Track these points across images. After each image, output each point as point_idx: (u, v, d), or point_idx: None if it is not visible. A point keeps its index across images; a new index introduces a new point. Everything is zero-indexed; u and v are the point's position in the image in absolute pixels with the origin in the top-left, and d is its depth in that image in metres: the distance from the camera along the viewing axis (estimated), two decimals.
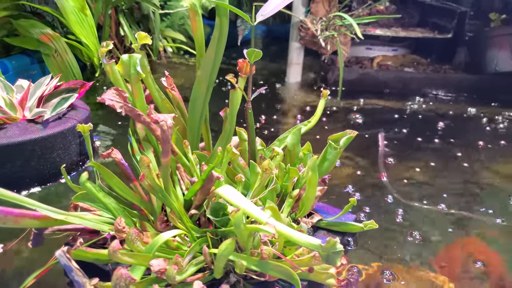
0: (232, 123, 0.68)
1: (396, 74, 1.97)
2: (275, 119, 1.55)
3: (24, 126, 0.99)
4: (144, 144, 0.68)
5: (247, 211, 0.47)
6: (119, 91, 0.55)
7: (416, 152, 1.35)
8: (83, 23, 1.34)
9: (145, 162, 0.53)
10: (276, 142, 0.78)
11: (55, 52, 1.41)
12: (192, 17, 0.66)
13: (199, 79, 0.67)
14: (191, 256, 0.51)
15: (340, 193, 1.05)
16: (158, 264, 0.47)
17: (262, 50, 0.62)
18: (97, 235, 0.63)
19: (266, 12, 0.64)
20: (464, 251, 0.87)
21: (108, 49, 0.60)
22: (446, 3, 2.11)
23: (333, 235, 0.69)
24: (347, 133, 0.69)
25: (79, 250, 0.47)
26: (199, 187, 0.59)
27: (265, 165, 0.57)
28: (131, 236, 0.50)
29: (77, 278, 0.43)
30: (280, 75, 2.15)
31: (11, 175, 0.96)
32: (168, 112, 0.71)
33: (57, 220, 0.55)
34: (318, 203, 0.79)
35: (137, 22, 2.15)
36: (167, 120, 0.51)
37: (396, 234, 0.90)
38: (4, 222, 0.51)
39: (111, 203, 0.56)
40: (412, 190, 1.10)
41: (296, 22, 1.93)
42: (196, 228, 0.57)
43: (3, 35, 1.49)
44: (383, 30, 2.02)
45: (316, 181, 0.60)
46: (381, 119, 1.63)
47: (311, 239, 0.45)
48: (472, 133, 1.55)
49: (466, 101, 1.89)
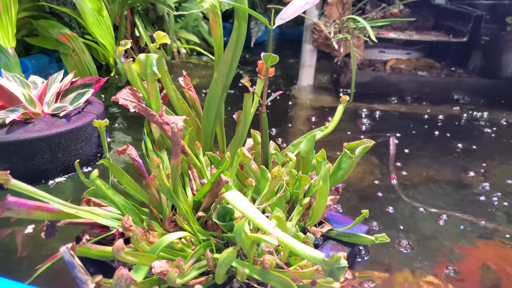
0: (246, 126, 0.67)
1: (410, 78, 1.94)
2: (287, 121, 1.54)
3: (50, 120, 1.03)
4: (158, 144, 0.68)
5: (252, 218, 0.47)
6: (133, 91, 0.56)
7: (427, 156, 1.32)
8: (100, 24, 1.37)
9: (155, 162, 0.54)
10: (291, 147, 0.77)
11: (72, 51, 1.45)
12: (212, 18, 0.66)
13: (215, 81, 0.67)
14: (194, 259, 0.51)
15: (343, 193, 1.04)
16: (160, 265, 0.48)
17: (275, 52, 0.61)
18: (107, 230, 0.65)
19: (285, 16, 0.63)
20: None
21: (126, 48, 0.60)
22: (462, 7, 2.06)
23: (342, 246, 0.67)
24: (364, 142, 0.67)
25: (83, 247, 0.47)
26: (208, 190, 0.58)
27: (275, 172, 0.57)
28: (136, 236, 0.50)
29: (79, 275, 0.44)
30: (293, 77, 2.15)
31: (40, 167, 1.01)
32: (184, 113, 0.72)
33: (68, 213, 0.56)
34: (330, 212, 0.77)
35: (152, 23, 2.19)
36: (178, 123, 0.51)
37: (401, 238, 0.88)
38: (17, 213, 0.52)
39: (120, 200, 0.57)
40: (421, 194, 1.08)
41: (310, 25, 1.92)
42: (203, 231, 0.57)
43: (23, 35, 1.54)
44: (397, 33, 1.99)
45: (327, 191, 0.59)
46: (393, 122, 1.61)
47: (315, 252, 0.44)
48: (486, 139, 1.50)
49: (481, 106, 1.84)
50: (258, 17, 0.60)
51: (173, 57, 2.27)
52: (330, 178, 0.67)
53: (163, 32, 0.62)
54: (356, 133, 1.45)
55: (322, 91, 1.95)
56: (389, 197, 1.05)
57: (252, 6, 2.53)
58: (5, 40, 1.04)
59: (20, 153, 0.97)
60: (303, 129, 1.46)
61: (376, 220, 0.94)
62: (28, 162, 0.99)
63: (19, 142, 0.96)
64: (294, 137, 1.39)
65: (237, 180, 0.67)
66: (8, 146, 0.95)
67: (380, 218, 0.95)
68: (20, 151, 0.97)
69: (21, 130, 0.98)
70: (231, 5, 0.60)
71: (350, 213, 0.96)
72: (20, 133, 0.97)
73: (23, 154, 0.98)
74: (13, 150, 0.96)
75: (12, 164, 0.98)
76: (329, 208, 0.66)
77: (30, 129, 0.98)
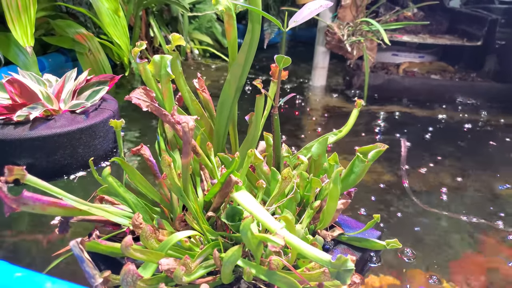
0: (257, 127, 0.67)
1: (422, 81, 1.93)
2: (299, 123, 1.53)
3: (70, 117, 1.06)
4: (171, 144, 0.69)
5: (260, 218, 0.47)
6: (147, 91, 0.56)
7: (439, 160, 1.30)
8: (116, 24, 1.39)
9: (166, 161, 0.54)
10: (303, 150, 0.77)
11: (88, 51, 1.49)
12: (227, 20, 0.66)
13: (228, 82, 0.67)
14: (202, 258, 0.51)
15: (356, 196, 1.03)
16: (167, 263, 0.48)
17: (288, 54, 0.62)
18: (119, 228, 0.66)
19: (298, 18, 0.63)
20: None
21: (141, 49, 0.61)
22: (477, 11, 2.04)
23: (353, 251, 0.66)
24: (377, 146, 0.66)
25: (93, 242, 0.48)
26: (218, 190, 0.59)
27: (285, 173, 0.57)
28: (145, 233, 0.51)
29: (87, 269, 0.45)
30: (305, 78, 2.15)
31: (62, 161, 1.05)
32: (197, 114, 0.72)
33: (81, 210, 0.57)
34: (343, 216, 0.77)
35: (166, 24, 2.22)
36: (189, 122, 0.51)
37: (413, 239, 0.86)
38: (32, 208, 0.53)
39: (131, 198, 0.58)
40: (432, 197, 1.07)
41: (323, 27, 1.93)
42: (212, 231, 0.58)
43: (41, 34, 1.59)
44: (410, 37, 1.98)
45: (337, 195, 0.59)
46: (405, 125, 1.60)
47: (321, 254, 0.44)
48: (499, 143, 1.47)
49: (494, 110, 1.80)
50: (271, 20, 0.60)
51: (186, 57, 2.30)
52: (342, 182, 0.67)
53: (177, 32, 0.63)
54: (367, 135, 1.45)
55: (335, 93, 1.95)
56: (399, 199, 1.04)
57: (265, 8, 2.54)
58: (24, 39, 1.08)
59: (44, 148, 1.01)
60: (314, 130, 1.46)
61: (384, 224, 0.93)
62: (51, 157, 1.03)
63: (43, 138, 1.00)
64: (305, 138, 1.39)
65: (248, 182, 0.68)
66: (33, 141, 0.99)
67: (388, 222, 0.94)
68: (44, 146, 1.01)
69: (44, 126, 1.02)
70: (245, 7, 0.61)
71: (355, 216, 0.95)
72: (43, 129, 1.01)
73: (46, 149, 1.01)
74: (37, 145, 1.00)
75: (36, 159, 1.01)
76: (340, 212, 0.66)
77: (52, 125, 1.02)
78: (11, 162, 0.99)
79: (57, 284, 0.53)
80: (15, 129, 0.99)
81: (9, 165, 0.47)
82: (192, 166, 0.69)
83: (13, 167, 0.47)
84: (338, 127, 0.79)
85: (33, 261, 0.78)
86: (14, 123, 1.01)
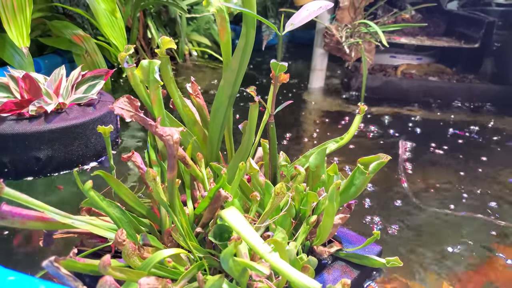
0: (251, 136, 0.64)
1: (420, 83, 1.91)
2: (297, 127, 1.50)
3: (79, 109, 1.10)
4: (162, 154, 0.66)
5: (248, 240, 0.44)
6: (131, 100, 0.53)
7: (436, 161, 1.27)
8: (113, 26, 1.37)
9: (150, 176, 0.51)
10: (302, 158, 0.73)
11: (85, 52, 1.47)
12: (219, 22, 0.63)
13: (221, 89, 0.64)
14: (186, 280, 0.48)
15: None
16: (147, 282, 0.45)
17: (286, 56, 0.58)
18: (106, 241, 0.63)
19: (296, 21, 0.59)
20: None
21: (129, 53, 0.58)
22: (474, 13, 2.02)
23: (351, 268, 0.63)
24: (380, 157, 0.63)
25: (69, 260, 0.45)
26: (207, 205, 0.55)
27: (277, 189, 0.53)
28: (127, 251, 0.48)
29: (68, 283, 0.42)
30: (303, 80, 2.12)
31: (78, 152, 1.08)
32: (189, 120, 0.69)
33: (64, 224, 0.55)
34: (343, 229, 0.73)
35: (164, 25, 2.19)
36: (174, 135, 0.48)
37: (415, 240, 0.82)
38: (11, 222, 0.51)
39: (115, 213, 0.55)
40: (431, 197, 1.05)
41: (321, 29, 1.90)
42: (199, 248, 0.54)
43: (37, 35, 1.56)
44: (408, 39, 1.96)
45: (333, 211, 0.55)
46: (402, 127, 1.56)
47: (310, 281, 0.41)
48: (497, 145, 1.43)
49: (491, 112, 1.77)
50: (267, 23, 0.56)
51: (184, 59, 2.26)
52: (342, 194, 0.63)
53: (175, 34, 0.59)
54: (365, 138, 1.41)
55: (333, 95, 1.93)
56: (400, 200, 1.02)
57: (264, 9, 2.50)
58: (20, 40, 1.06)
59: (62, 139, 1.04)
60: (312, 133, 1.42)
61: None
62: (69, 147, 1.06)
63: (61, 129, 1.03)
64: (303, 142, 1.35)
65: (242, 194, 0.64)
66: (52, 133, 1.02)
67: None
68: (61, 137, 1.04)
69: (58, 118, 1.04)
70: (240, 10, 0.57)
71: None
72: (59, 122, 1.03)
73: (64, 141, 1.04)
74: (56, 137, 1.03)
75: (55, 150, 1.04)
76: (338, 227, 0.62)
77: (65, 118, 1.05)
78: (32, 156, 1.01)
79: (50, 287, 0.50)
80: (30, 123, 1.01)
81: (30, 158, 0.44)
82: (184, 177, 0.65)
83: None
84: (335, 129, 0.76)
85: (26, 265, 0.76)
86: (28, 118, 1.02)
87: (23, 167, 1.02)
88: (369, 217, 0.94)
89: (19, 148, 1.00)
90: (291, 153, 1.27)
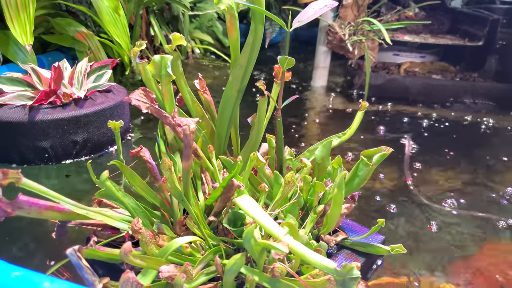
0: (260, 130, 0.66)
1: (423, 81, 1.92)
2: (299, 124, 1.52)
3: (101, 95, 1.18)
4: (172, 146, 0.68)
5: (263, 224, 0.46)
6: (147, 92, 0.55)
7: (441, 160, 1.29)
8: (116, 23, 1.38)
9: (166, 165, 0.53)
10: (306, 153, 0.76)
11: (88, 49, 1.48)
12: (229, 19, 0.65)
13: (230, 84, 0.66)
14: (203, 264, 0.50)
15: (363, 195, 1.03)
16: (168, 270, 0.47)
17: (289, 53, 0.60)
18: (118, 232, 0.64)
19: (303, 18, 0.61)
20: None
21: (141, 48, 0.60)
22: (478, 11, 2.03)
23: (357, 256, 0.65)
24: (382, 149, 0.65)
25: (90, 249, 0.47)
26: (219, 194, 0.57)
27: (288, 178, 0.55)
28: (145, 238, 0.50)
29: (87, 276, 0.43)
30: (306, 78, 2.14)
31: (107, 134, 1.18)
32: (198, 115, 0.71)
33: (79, 214, 0.56)
34: (346, 220, 0.75)
35: (166, 23, 2.20)
36: (190, 125, 0.50)
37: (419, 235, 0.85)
38: (28, 212, 0.52)
39: (130, 203, 0.56)
40: (436, 195, 1.07)
41: (324, 26, 1.92)
42: (213, 236, 0.56)
43: (40, 32, 1.56)
44: (412, 37, 1.97)
45: (341, 200, 0.57)
46: (406, 125, 1.59)
47: (327, 261, 0.43)
48: (500, 144, 1.47)
49: (495, 111, 1.80)
50: (275, 20, 0.59)
51: (187, 57, 2.28)
52: (346, 185, 0.65)
53: (178, 31, 0.61)
54: (367, 135, 1.43)
55: (335, 93, 1.95)
56: (403, 198, 1.04)
57: (267, 6, 2.52)
58: (23, 37, 1.07)
59: (95, 122, 1.13)
60: (315, 131, 1.44)
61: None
62: (101, 130, 1.15)
63: (93, 113, 1.12)
64: (305, 139, 1.37)
65: (250, 185, 0.66)
66: (87, 117, 1.11)
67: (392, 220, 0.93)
68: (95, 121, 1.13)
69: (88, 103, 1.12)
70: (248, 6, 0.59)
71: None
72: (89, 107, 1.12)
73: (97, 124, 1.13)
74: (91, 121, 1.12)
75: (90, 133, 1.13)
76: (344, 216, 0.64)
77: (94, 103, 1.14)
78: (70, 140, 1.10)
79: (55, 283, 0.51)
80: (64, 109, 1.08)
81: (69, 142, 0.45)
82: (193, 169, 0.67)
83: (8, 170, 0.45)
84: (339, 127, 0.78)
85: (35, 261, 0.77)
86: (61, 105, 1.09)
87: (63, 151, 1.10)
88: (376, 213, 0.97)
89: (59, 133, 1.08)
90: (295, 149, 1.29)
